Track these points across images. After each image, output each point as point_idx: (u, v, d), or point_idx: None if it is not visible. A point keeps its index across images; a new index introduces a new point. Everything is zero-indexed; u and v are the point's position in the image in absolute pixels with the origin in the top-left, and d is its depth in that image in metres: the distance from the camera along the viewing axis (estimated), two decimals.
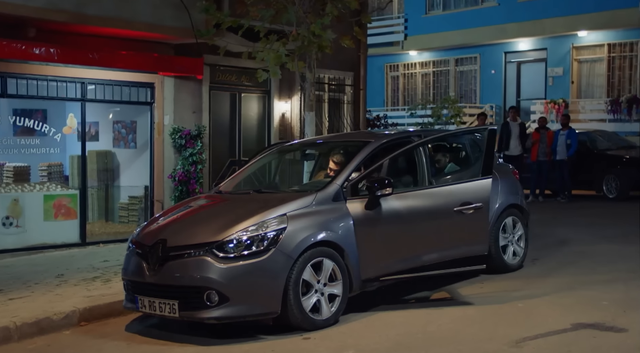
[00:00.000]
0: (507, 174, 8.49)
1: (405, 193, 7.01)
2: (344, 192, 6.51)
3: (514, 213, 8.25)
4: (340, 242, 6.26)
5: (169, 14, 11.10)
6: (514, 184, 8.44)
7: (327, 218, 6.30)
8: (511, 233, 8.21)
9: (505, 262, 8.08)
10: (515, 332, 5.79)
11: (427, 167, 7.31)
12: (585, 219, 12.63)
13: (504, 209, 8.08)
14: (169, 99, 12.07)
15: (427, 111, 22.93)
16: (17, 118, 10.77)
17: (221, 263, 5.81)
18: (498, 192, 7.94)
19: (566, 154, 15.36)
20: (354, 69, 15.19)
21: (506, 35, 22.85)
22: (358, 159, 6.85)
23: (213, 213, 6.70)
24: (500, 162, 8.85)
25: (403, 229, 6.80)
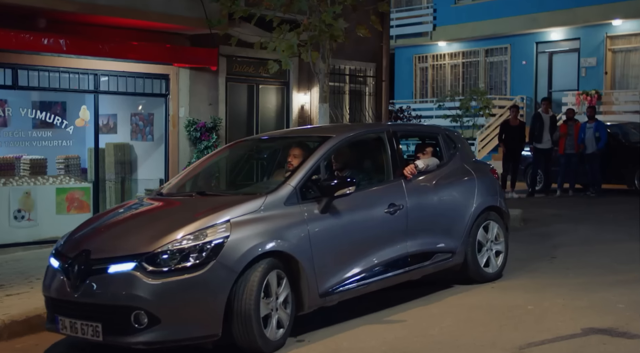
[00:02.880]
0: (485, 173, 7.67)
1: (369, 191, 6.44)
2: (298, 194, 5.76)
3: (492, 216, 7.44)
4: (294, 252, 5.49)
5: (182, 3, 10.91)
6: (492, 184, 7.63)
7: (278, 224, 5.50)
8: (490, 238, 7.41)
9: (482, 271, 7.27)
10: (520, 337, 5.48)
11: (393, 164, 6.70)
12: (612, 215, 12.19)
13: (482, 212, 7.27)
14: (184, 91, 11.92)
15: (456, 103, 22.49)
16: (36, 111, 10.72)
17: (151, 279, 5.01)
18: (475, 193, 7.25)
19: (595, 147, 14.86)
20: (376, 60, 14.86)
21: (538, 25, 22.26)
22: (316, 156, 6.09)
23: (147, 220, 5.86)
24: (478, 160, 8.05)
25: (367, 233, 6.18)
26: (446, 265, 6.94)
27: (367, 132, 7.06)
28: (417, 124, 9.66)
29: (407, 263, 6.49)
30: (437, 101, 23.49)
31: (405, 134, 7.64)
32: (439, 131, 7.67)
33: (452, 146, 7.52)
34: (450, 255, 6.93)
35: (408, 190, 6.61)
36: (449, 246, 6.92)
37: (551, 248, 9.34)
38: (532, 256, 8.80)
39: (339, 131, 6.68)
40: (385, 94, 15.10)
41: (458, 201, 7.12)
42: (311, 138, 6.89)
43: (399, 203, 6.44)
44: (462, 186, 7.24)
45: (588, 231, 10.50)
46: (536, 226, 11.18)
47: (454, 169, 7.27)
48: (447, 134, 7.65)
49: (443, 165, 7.20)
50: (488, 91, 23.37)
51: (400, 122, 10.22)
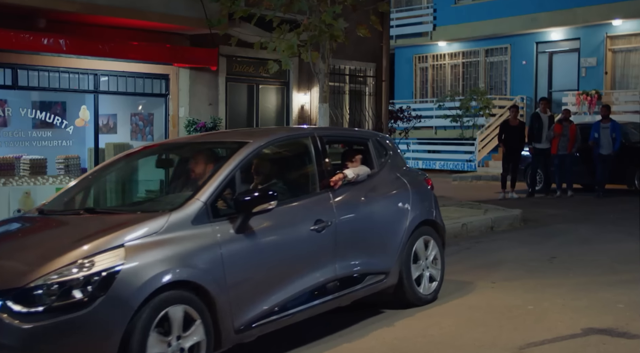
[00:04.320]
0: (420, 184, 6.87)
1: (293, 206, 5.53)
2: (209, 211, 4.81)
3: (428, 231, 6.67)
4: (203, 281, 4.57)
5: (182, 3, 10.93)
6: (427, 196, 6.85)
7: (185, 248, 4.56)
8: (425, 256, 6.62)
9: (418, 293, 6.46)
10: (520, 337, 5.47)
11: (320, 173, 5.83)
12: (612, 215, 12.17)
13: (417, 226, 6.48)
14: (184, 91, 11.93)
15: (456, 103, 22.49)
16: (35, 111, 10.73)
17: (21, 322, 3.97)
18: (409, 206, 6.49)
19: (612, 148, 14.62)
20: (376, 60, 14.87)
21: (538, 25, 22.25)
22: (231, 165, 5.12)
23: (18, 246, 4.72)
24: (411, 168, 7.20)
25: (291, 255, 5.31)
26: (379, 287, 6.11)
27: (290, 137, 6.14)
28: (345, 129, 8.84)
29: (337, 287, 5.63)
30: (437, 101, 23.50)
31: (333, 139, 6.67)
32: (370, 137, 6.81)
33: (384, 153, 6.69)
34: (384, 275, 6.11)
35: (336, 204, 5.76)
36: (382, 266, 6.11)
37: (551, 248, 9.34)
38: (532, 256, 8.80)
39: (258, 136, 5.72)
40: (385, 94, 15.10)
41: (391, 215, 6.32)
42: (225, 144, 5.93)
43: (327, 218, 5.58)
44: (395, 198, 6.45)
45: (588, 231, 10.49)
46: (536, 226, 11.18)
47: (386, 180, 6.49)
48: (379, 140, 6.81)
49: (374, 175, 6.37)
50: (488, 91, 23.37)
51: (326, 127, 9.21)
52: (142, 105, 12.24)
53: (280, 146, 6.00)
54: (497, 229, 10.93)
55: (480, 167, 21.58)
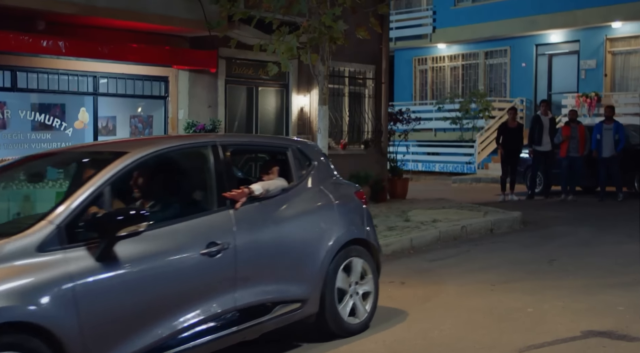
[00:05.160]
0: (349, 197, 6.13)
1: (179, 227, 4.74)
2: (64, 235, 4.09)
3: (358, 251, 5.90)
4: (49, 323, 3.85)
5: (181, 5, 10.94)
6: (358, 211, 6.11)
7: (24, 281, 3.84)
8: (354, 280, 5.83)
9: (343, 322, 5.67)
10: (520, 339, 5.46)
11: (219, 189, 5.07)
12: (612, 217, 12.16)
13: (343, 246, 5.71)
14: (183, 93, 11.92)
15: (456, 105, 22.48)
16: (34, 113, 10.72)
17: None
18: (334, 223, 5.73)
19: (615, 150, 14.28)
20: (376, 62, 14.87)
21: (537, 27, 22.24)
22: (97, 181, 4.39)
23: None
24: (341, 180, 6.37)
25: (172, 285, 4.54)
26: (295, 316, 5.36)
27: (182, 147, 5.29)
28: (258, 137, 8.16)
29: (238, 319, 4.90)
30: (436, 103, 23.49)
31: (241, 148, 5.94)
32: (288, 145, 5.99)
33: (306, 163, 5.95)
34: (300, 304, 5.36)
35: (238, 223, 5.02)
36: (298, 294, 5.35)
37: (551, 250, 9.32)
38: (532, 259, 8.78)
39: (139, 146, 4.97)
40: (384, 96, 15.10)
41: (309, 234, 5.55)
42: (101, 155, 5.07)
43: (224, 240, 4.84)
44: (316, 215, 5.69)
45: (588, 234, 10.48)
46: (536, 229, 11.16)
47: (306, 194, 5.74)
48: (300, 149, 5.99)
49: (292, 188, 5.64)
50: (488, 93, 23.37)
51: (233, 134, 9.13)
52: (142, 107, 12.23)
53: (169, 157, 5.19)
54: (497, 231, 10.92)
55: (480, 169, 21.56)
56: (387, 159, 15.15)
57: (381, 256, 6.35)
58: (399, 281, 7.72)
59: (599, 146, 14.48)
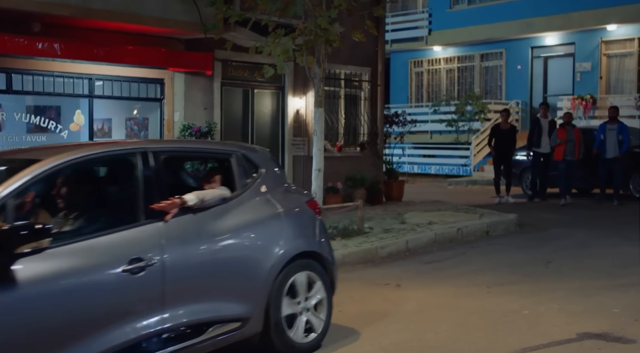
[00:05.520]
0: (299, 207, 5.72)
1: (96, 242, 4.37)
2: None
3: (308, 265, 5.46)
4: None
5: (177, 8, 10.92)
6: (309, 222, 5.71)
7: None
8: (303, 296, 5.39)
9: (290, 342, 5.24)
10: (516, 342, 5.46)
11: (147, 200, 4.67)
12: (608, 219, 12.18)
13: (291, 260, 5.30)
14: (179, 96, 11.91)
15: (451, 108, 22.51)
16: (30, 115, 10.69)
17: None
18: (281, 235, 5.33)
19: (619, 151, 14.04)
20: (372, 64, 14.87)
21: (533, 30, 22.29)
22: None
23: None
24: (293, 188, 6.04)
25: (84, 308, 4.17)
26: (235, 336, 4.97)
27: (105, 154, 4.85)
28: (196, 142, 7.69)
29: (167, 341, 4.54)
30: (432, 106, 23.52)
31: (175, 155, 5.48)
32: (232, 151, 5.55)
33: (252, 171, 5.53)
34: (240, 323, 4.95)
35: (168, 237, 4.64)
36: (238, 312, 4.95)
37: (547, 252, 9.33)
38: (528, 261, 8.79)
39: (55, 153, 4.57)
40: (380, 99, 15.10)
41: (252, 247, 5.15)
42: (12, 163, 4.66)
43: (150, 256, 4.48)
44: (261, 226, 5.25)
45: (584, 236, 10.49)
46: (531, 231, 11.17)
47: (250, 204, 5.30)
48: (246, 155, 5.58)
49: (234, 198, 5.23)
50: (483, 96, 23.39)
51: (168, 140, 8.81)
52: (137, 109, 12.21)
53: (90, 165, 4.87)
54: (493, 233, 10.93)
55: (476, 171, 21.58)
56: (383, 161, 15.16)
57: (336, 270, 5.83)
58: (394, 283, 7.72)
59: (602, 147, 14.25)
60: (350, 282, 7.82)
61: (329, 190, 13.02)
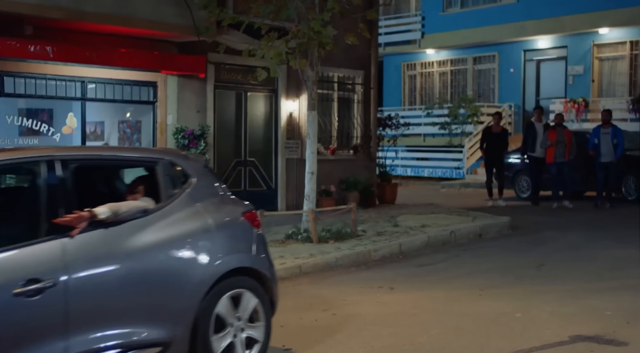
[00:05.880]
0: (234, 220, 5.23)
1: None
2: None
3: (243, 283, 5.03)
4: None
5: (170, 10, 10.91)
6: (245, 235, 5.24)
7: None
8: (235, 316, 4.93)
9: None
10: (508, 345, 5.47)
11: (50, 213, 4.30)
12: (600, 222, 12.22)
13: (222, 277, 4.85)
14: (172, 98, 11.89)
15: (444, 111, 22.55)
16: (22, 118, 10.67)
17: None
18: (211, 249, 4.87)
19: (614, 155, 13.92)
20: (365, 67, 14.88)
21: (525, 33, 22.35)
22: None
23: None
24: (228, 199, 5.40)
25: None
26: None
27: (4, 162, 4.45)
28: (115, 149, 7.11)
29: None
30: (425, 109, 23.54)
31: (90, 164, 4.94)
32: (158, 159, 5.06)
33: (182, 180, 5.06)
34: (161, 348, 4.54)
35: (74, 254, 4.25)
36: (159, 336, 4.51)
37: (539, 255, 9.35)
38: (520, 264, 8.81)
39: None
40: (373, 102, 15.12)
41: (176, 264, 4.71)
42: None
43: (49, 277, 4.08)
44: (187, 241, 4.80)
45: (576, 238, 10.51)
46: (524, 234, 11.19)
47: (175, 216, 4.84)
48: (174, 163, 5.09)
49: (157, 210, 4.79)
50: (476, 99, 23.42)
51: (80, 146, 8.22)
52: (130, 112, 12.20)
53: None
54: (486, 236, 10.94)
55: (469, 174, 21.62)
56: (376, 164, 15.17)
57: (276, 288, 5.33)
58: (387, 286, 7.72)
59: (597, 151, 14.11)
60: (343, 285, 7.84)
61: (322, 193, 13.03)
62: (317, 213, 10.36)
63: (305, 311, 6.76)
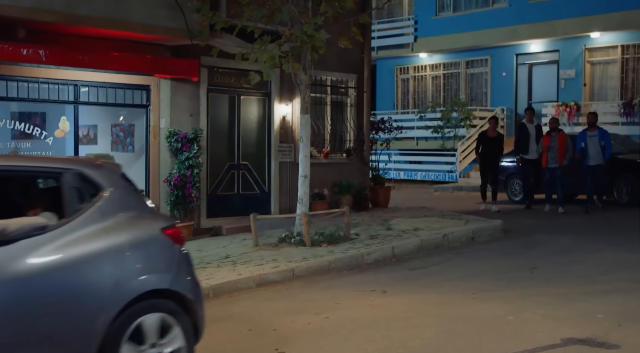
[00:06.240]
0: (150, 237, 4.73)
1: None
2: None
3: (160, 307, 4.55)
4: None
5: (163, 14, 10.92)
6: (162, 254, 4.74)
7: None
8: (149, 344, 4.46)
9: None
10: (501, 348, 5.49)
11: None
12: (592, 225, 12.26)
13: (135, 300, 4.39)
14: (165, 102, 11.88)
15: (437, 114, 22.60)
16: (14, 121, 10.64)
17: None
18: (121, 270, 4.43)
19: (602, 158, 13.88)
20: (358, 71, 14.91)
21: (517, 37, 22.44)
22: None
23: None
24: (147, 213, 4.95)
25: None
26: None
27: None
28: (11, 157, 6.19)
29: None
30: (418, 112, 23.60)
31: None
32: (64, 169, 4.60)
33: (91, 193, 4.61)
34: None
35: None
36: None
37: (532, 258, 9.38)
38: (513, 267, 8.84)
39: None
40: (366, 105, 15.15)
41: (77, 286, 4.24)
42: None
43: None
44: (92, 259, 4.34)
45: (568, 242, 10.55)
46: (517, 237, 11.23)
47: (80, 232, 4.38)
48: (83, 174, 4.62)
49: (58, 226, 4.35)
50: (469, 102, 23.50)
51: None
52: (123, 116, 12.18)
53: None
54: (478, 239, 10.98)
55: (461, 178, 21.67)
56: (369, 168, 15.20)
57: (202, 311, 4.85)
58: (380, 289, 7.74)
59: (584, 154, 14.08)
60: (336, 288, 7.85)
61: (315, 196, 13.04)
62: (310, 217, 10.38)
63: (298, 314, 6.77)
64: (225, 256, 9.70)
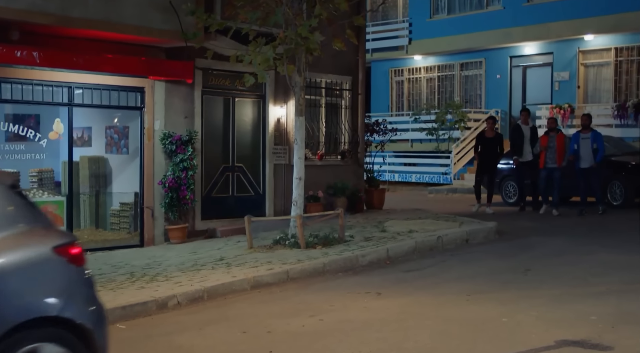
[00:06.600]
0: (39, 257, 4.18)
1: None
2: None
3: (49, 336, 4.04)
4: None
5: (157, 16, 10.91)
6: (52, 277, 4.19)
7: None
8: None
9: None
10: (494, 350, 5.50)
11: None
12: (586, 227, 12.28)
13: (14, 330, 3.90)
14: (159, 104, 11.87)
15: (432, 116, 22.63)
16: (8, 124, 10.63)
17: None
18: None
19: (594, 160, 13.79)
20: (352, 73, 14.92)
21: (512, 40, 22.50)
22: None
23: None
24: (40, 229, 4.43)
25: None
26: None
27: None
28: None
29: None
30: (413, 114, 23.63)
31: None
32: None
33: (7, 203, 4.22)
34: None
35: None
36: None
37: (525, 260, 9.40)
38: (507, 269, 8.85)
39: None
40: (361, 107, 15.15)
41: None
42: None
43: None
44: None
45: (562, 244, 10.57)
46: (511, 239, 11.24)
47: None
48: None
49: None
50: (463, 105, 23.52)
51: None
52: (117, 118, 12.18)
53: None
54: (473, 241, 10.99)
55: (456, 180, 21.70)
56: (364, 170, 15.21)
57: (104, 340, 4.34)
58: (375, 291, 7.74)
59: (577, 157, 14.05)
60: (331, 291, 7.85)
61: (310, 199, 13.05)
62: (304, 219, 10.38)
63: (292, 317, 6.77)
64: (219, 259, 9.69)
